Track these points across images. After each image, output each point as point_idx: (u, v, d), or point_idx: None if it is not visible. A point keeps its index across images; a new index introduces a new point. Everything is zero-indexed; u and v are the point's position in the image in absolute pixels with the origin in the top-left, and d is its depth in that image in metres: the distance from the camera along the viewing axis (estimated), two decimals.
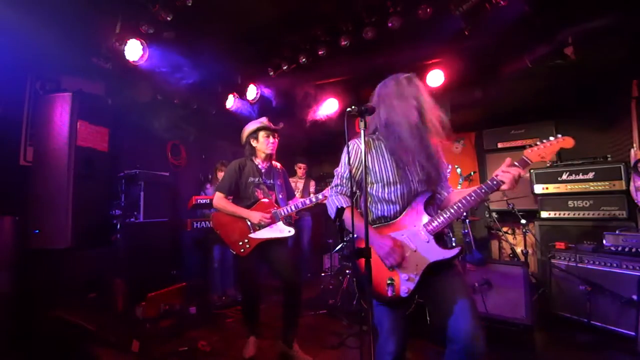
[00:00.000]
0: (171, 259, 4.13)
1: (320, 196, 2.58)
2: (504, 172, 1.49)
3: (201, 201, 4.07)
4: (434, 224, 1.54)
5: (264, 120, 2.74)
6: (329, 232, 5.20)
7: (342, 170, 1.76)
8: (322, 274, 4.64)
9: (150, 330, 3.13)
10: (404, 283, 1.50)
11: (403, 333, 1.59)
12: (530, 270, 3.53)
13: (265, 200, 2.65)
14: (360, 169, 1.71)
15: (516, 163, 1.52)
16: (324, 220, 5.70)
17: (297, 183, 5.11)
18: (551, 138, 1.58)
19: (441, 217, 1.54)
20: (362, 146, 1.44)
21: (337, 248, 4.19)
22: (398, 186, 1.63)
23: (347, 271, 3.74)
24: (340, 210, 1.53)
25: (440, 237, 1.57)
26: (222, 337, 3.02)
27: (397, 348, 1.55)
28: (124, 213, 3.62)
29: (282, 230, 2.59)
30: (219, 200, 2.63)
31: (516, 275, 2.97)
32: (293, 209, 2.60)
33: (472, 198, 1.52)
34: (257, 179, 2.68)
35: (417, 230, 1.56)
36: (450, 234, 3.67)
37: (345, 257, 3.97)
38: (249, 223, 2.59)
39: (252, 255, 2.59)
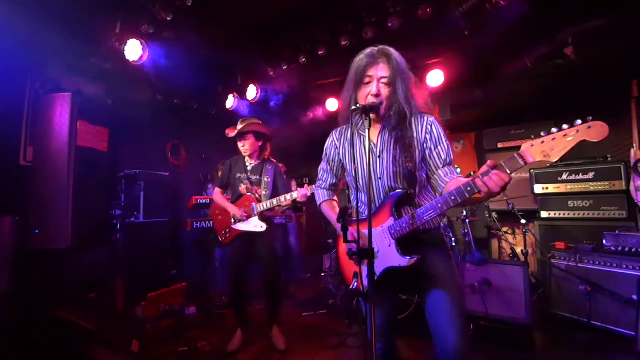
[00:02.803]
0: (171, 259, 4.13)
1: (295, 194, 2.66)
2: (484, 178, 1.21)
3: (201, 201, 4.07)
4: (396, 228, 1.45)
5: (240, 125, 2.86)
6: (329, 233, 5.20)
7: (322, 164, 1.80)
8: (322, 274, 4.64)
9: (150, 330, 3.13)
10: (365, 279, 1.44)
11: (384, 323, 1.56)
12: (530, 270, 3.53)
13: (247, 195, 2.84)
14: (337, 162, 1.72)
15: (503, 165, 1.21)
16: (323, 220, 5.69)
17: None
18: (565, 128, 1.13)
19: (404, 223, 1.43)
20: (367, 144, 1.36)
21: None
22: (372, 182, 1.53)
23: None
24: (343, 210, 1.50)
25: (410, 242, 1.46)
26: (222, 337, 3.02)
27: (378, 336, 1.53)
28: (124, 213, 3.62)
29: (256, 225, 2.78)
30: (215, 193, 3.00)
31: (516, 275, 2.97)
32: (268, 205, 2.74)
33: (440, 205, 1.35)
34: (242, 175, 2.90)
35: (382, 232, 1.49)
36: (451, 233, 3.67)
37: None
38: (232, 215, 2.86)
39: (234, 244, 2.87)
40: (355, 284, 1.48)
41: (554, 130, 1.14)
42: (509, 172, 1.19)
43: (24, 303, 2.63)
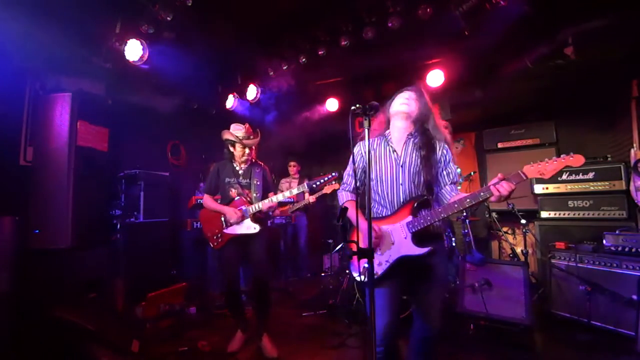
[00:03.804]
0: (171, 259, 4.13)
1: (287, 193, 2.70)
2: (495, 186, 1.53)
3: (201, 201, 4.06)
4: (414, 223, 1.68)
5: (241, 132, 2.84)
6: (329, 232, 5.20)
7: (348, 169, 2.00)
8: (322, 274, 4.64)
9: (150, 330, 3.13)
10: (376, 267, 1.69)
11: (388, 324, 1.68)
12: (530, 270, 3.54)
13: (238, 198, 2.84)
14: (361, 169, 1.87)
15: (510, 178, 1.54)
16: (324, 220, 5.71)
17: (291, 183, 5.11)
18: (555, 157, 1.54)
19: (421, 219, 1.67)
20: (366, 144, 1.45)
21: (337, 248, 4.19)
22: (393, 186, 1.79)
23: (347, 271, 3.74)
24: (343, 210, 1.69)
25: (423, 237, 1.69)
26: (222, 337, 3.02)
27: (383, 330, 1.65)
28: (124, 213, 3.62)
29: (249, 227, 2.77)
30: (205, 199, 2.96)
31: (516, 275, 2.97)
32: (261, 206, 2.74)
33: (456, 206, 1.61)
34: (232, 180, 2.89)
35: (399, 227, 1.72)
36: (451, 234, 3.67)
37: (348, 257, 3.98)
38: (222, 219, 2.84)
39: (227, 249, 2.83)
40: (364, 276, 1.65)
41: (546, 159, 1.54)
42: (514, 183, 1.53)
43: (24, 303, 2.63)
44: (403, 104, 1.83)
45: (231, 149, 2.88)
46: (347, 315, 3.43)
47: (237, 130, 2.85)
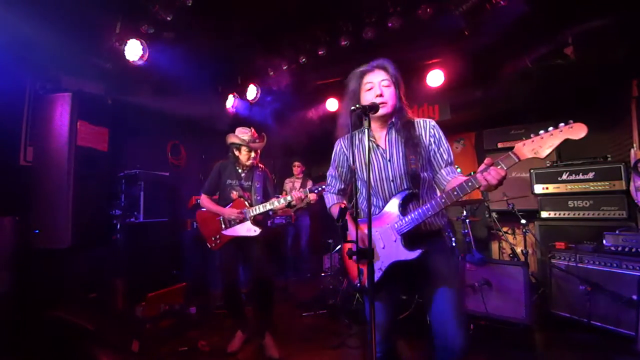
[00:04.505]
0: (171, 259, 4.13)
1: (289, 198, 2.67)
2: (483, 174, 1.33)
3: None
4: (402, 225, 1.52)
5: (247, 135, 2.83)
6: (329, 232, 5.19)
7: (330, 170, 1.88)
8: (322, 274, 4.63)
9: (150, 330, 3.14)
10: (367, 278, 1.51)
11: (387, 325, 1.60)
12: (530, 270, 3.53)
13: (239, 200, 2.83)
14: (345, 168, 1.79)
15: (500, 162, 1.33)
16: (324, 220, 5.70)
17: (295, 183, 5.10)
18: (552, 129, 1.30)
19: (408, 218, 1.50)
20: (366, 143, 1.39)
21: (337, 248, 4.19)
22: (384, 184, 1.61)
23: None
24: (343, 210, 1.57)
25: (415, 237, 1.52)
26: (222, 337, 3.02)
27: (381, 338, 1.58)
28: (124, 213, 3.62)
29: (249, 230, 2.76)
30: (203, 199, 2.94)
31: (516, 275, 2.97)
32: (261, 209, 2.74)
33: (443, 201, 1.44)
34: (234, 182, 2.88)
35: (388, 229, 1.56)
36: (451, 233, 3.67)
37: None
38: (221, 220, 2.83)
39: (226, 250, 2.83)
40: (359, 280, 1.53)
41: (541, 131, 1.31)
42: (505, 167, 1.32)
43: (24, 303, 2.63)
44: (379, 96, 1.57)
45: (236, 152, 2.86)
46: (347, 315, 3.43)
47: (243, 134, 2.83)
